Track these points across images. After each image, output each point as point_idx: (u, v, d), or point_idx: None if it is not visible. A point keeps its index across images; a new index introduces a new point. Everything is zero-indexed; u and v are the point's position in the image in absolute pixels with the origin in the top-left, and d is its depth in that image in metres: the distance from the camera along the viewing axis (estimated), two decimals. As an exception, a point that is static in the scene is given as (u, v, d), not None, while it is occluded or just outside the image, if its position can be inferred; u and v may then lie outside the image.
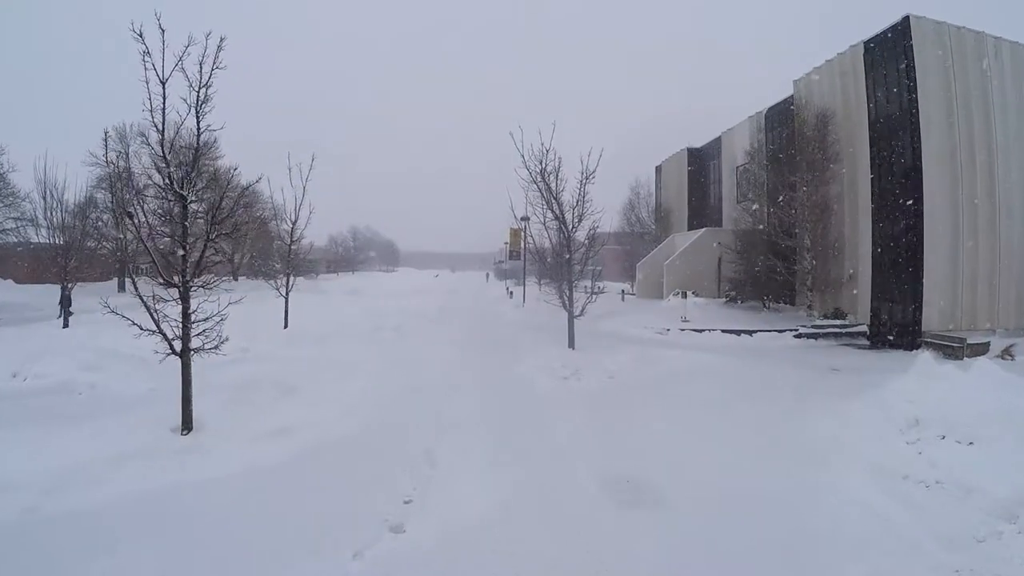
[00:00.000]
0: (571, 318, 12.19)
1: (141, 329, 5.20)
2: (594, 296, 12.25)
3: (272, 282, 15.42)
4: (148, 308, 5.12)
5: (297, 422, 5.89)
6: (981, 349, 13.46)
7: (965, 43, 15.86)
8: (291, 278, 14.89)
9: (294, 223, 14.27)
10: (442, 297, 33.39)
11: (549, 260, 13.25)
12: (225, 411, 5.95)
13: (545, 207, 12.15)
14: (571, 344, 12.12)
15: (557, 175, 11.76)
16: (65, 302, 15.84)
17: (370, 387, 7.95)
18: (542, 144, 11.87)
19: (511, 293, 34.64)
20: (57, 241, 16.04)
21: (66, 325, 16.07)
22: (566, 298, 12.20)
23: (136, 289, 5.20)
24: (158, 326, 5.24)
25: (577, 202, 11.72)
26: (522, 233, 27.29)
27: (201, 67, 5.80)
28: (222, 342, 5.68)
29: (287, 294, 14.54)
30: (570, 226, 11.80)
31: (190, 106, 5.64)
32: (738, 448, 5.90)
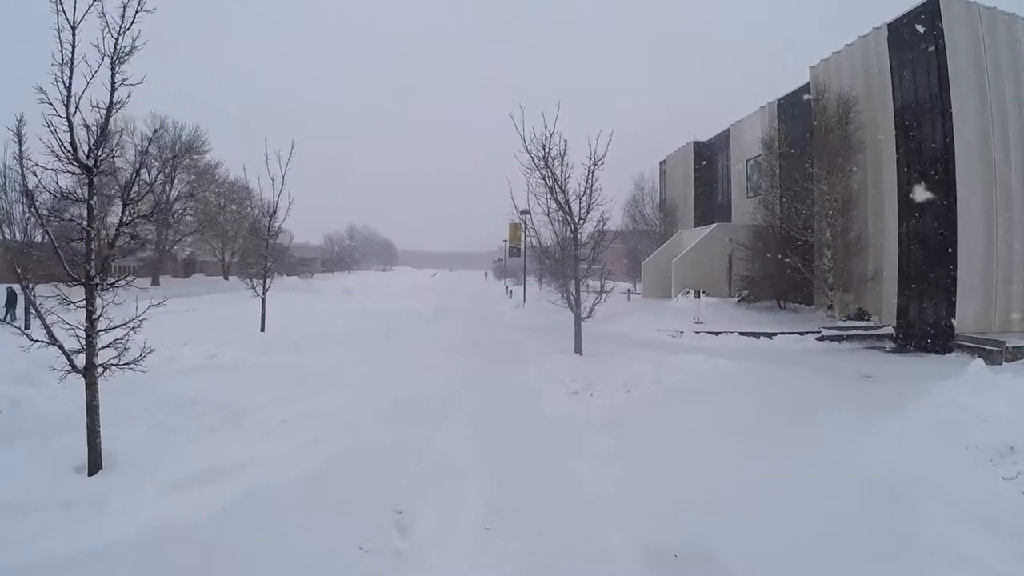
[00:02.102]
0: (578, 320, 10.97)
1: (31, 340, 3.99)
2: (603, 296, 11.03)
3: (248, 280, 14.03)
4: (38, 313, 3.91)
5: (239, 457, 4.60)
6: (1020, 353, 12.47)
7: (997, 25, 14.77)
8: (268, 275, 13.51)
9: (272, 215, 12.99)
10: (439, 297, 32.29)
11: (554, 255, 12.06)
12: (152, 441, 4.72)
13: (549, 196, 10.93)
14: (578, 349, 10.91)
15: (563, 160, 10.53)
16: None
17: (343, 406, 6.66)
18: (545, 127, 10.66)
19: (511, 292, 33.54)
20: (13, 237, 14.80)
21: (27, 326, 14.88)
22: (572, 298, 11.00)
23: (24, 290, 3.99)
24: (51, 335, 4.02)
25: (585, 190, 10.52)
26: (522, 228, 26.06)
27: (124, 10, 4.69)
28: (144, 355, 4.44)
29: (264, 294, 13.19)
30: (577, 217, 10.58)
31: (104, 55, 4.44)
32: (801, 489, 4.68)
